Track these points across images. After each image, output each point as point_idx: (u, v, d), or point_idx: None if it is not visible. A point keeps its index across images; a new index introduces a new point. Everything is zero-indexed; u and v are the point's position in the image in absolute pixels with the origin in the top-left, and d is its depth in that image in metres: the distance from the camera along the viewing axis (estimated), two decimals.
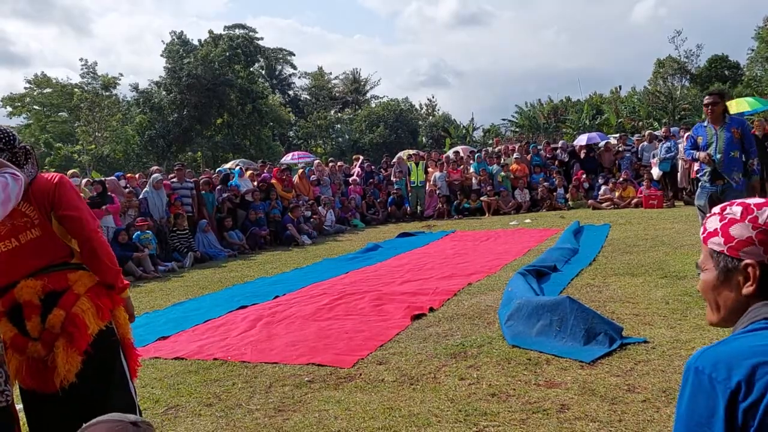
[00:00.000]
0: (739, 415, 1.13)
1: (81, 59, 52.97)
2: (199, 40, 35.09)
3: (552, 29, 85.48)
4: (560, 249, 8.13)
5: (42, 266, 2.40)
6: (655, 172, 14.40)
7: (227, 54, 33.05)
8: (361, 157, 19.15)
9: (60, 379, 2.27)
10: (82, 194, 2.75)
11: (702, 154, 6.13)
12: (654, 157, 14.77)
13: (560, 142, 19.03)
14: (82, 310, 2.37)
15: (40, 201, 2.39)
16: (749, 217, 1.29)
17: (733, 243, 1.31)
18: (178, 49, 32.51)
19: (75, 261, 2.50)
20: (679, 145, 14.77)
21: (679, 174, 14.44)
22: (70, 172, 12.26)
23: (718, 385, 1.16)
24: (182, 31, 33.94)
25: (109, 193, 10.54)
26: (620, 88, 34.59)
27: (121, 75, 38.66)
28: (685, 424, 1.22)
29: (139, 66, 71.66)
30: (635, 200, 14.09)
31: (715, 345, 1.25)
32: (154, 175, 11.70)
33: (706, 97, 6.32)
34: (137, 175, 12.76)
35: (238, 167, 16.64)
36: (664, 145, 14.46)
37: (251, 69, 37.25)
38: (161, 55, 32.85)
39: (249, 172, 14.52)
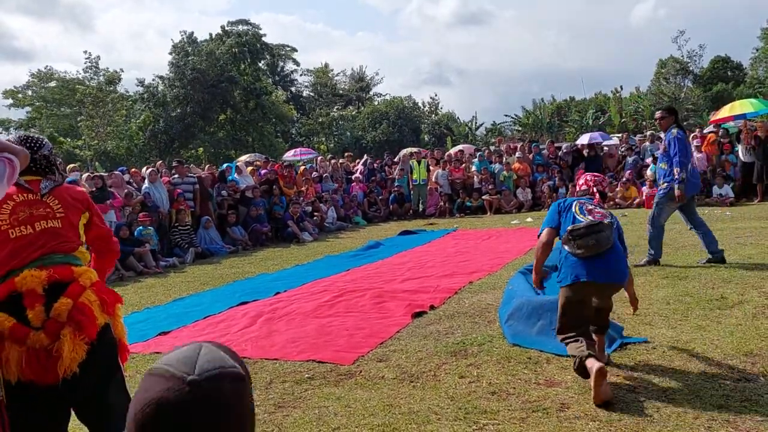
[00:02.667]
0: (560, 213, 3.94)
1: (85, 51, 53.13)
2: (210, 34, 35.02)
3: (554, 29, 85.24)
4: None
5: (46, 253, 2.43)
6: (650, 173, 14.09)
7: (234, 51, 32.97)
8: (366, 156, 19.14)
9: (64, 368, 2.26)
10: (83, 189, 2.83)
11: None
12: (650, 156, 14.51)
13: (564, 145, 18.98)
14: (90, 301, 2.38)
15: (72, 201, 2.62)
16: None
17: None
18: (185, 46, 32.45)
19: (78, 255, 2.55)
20: None
21: None
22: (70, 166, 12.22)
23: (556, 205, 4.02)
24: (192, 32, 33.78)
25: (109, 189, 10.54)
26: (621, 88, 34.53)
27: (122, 70, 38.29)
28: (547, 220, 4.00)
29: (141, 62, 71.72)
30: (638, 200, 14.08)
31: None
32: (148, 170, 11.76)
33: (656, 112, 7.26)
34: (148, 171, 12.55)
35: (249, 161, 16.58)
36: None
37: (258, 65, 37.15)
38: (169, 53, 32.82)
39: (250, 168, 14.51)
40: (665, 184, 6.87)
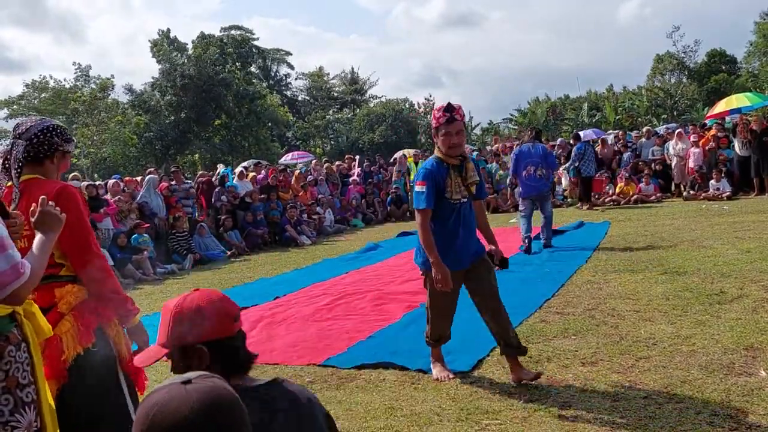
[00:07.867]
0: None
1: (74, 63, 53.00)
2: (193, 41, 35.02)
3: (544, 29, 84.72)
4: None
5: None
6: (565, 181, 13.39)
7: (217, 55, 32.87)
8: (358, 157, 19.14)
9: None
10: (60, 186, 2.43)
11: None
12: (566, 165, 13.64)
13: (558, 140, 19.02)
14: (62, 332, 2.26)
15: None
16: None
17: None
18: (167, 47, 32.31)
19: (65, 273, 2.37)
20: (669, 144, 14.76)
21: (674, 170, 14.46)
22: (71, 175, 12.21)
23: None
24: (168, 29, 33.60)
25: (102, 197, 10.49)
26: (612, 87, 34.64)
27: (113, 77, 37.78)
28: None
29: (134, 68, 71.27)
30: (635, 197, 14.07)
31: None
32: (152, 177, 11.71)
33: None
34: (147, 178, 12.52)
35: (243, 167, 16.58)
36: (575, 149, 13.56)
37: (249, 70, 37.08)
38: (152, 56, 32.66)
39: (251, 175, 14.50)
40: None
